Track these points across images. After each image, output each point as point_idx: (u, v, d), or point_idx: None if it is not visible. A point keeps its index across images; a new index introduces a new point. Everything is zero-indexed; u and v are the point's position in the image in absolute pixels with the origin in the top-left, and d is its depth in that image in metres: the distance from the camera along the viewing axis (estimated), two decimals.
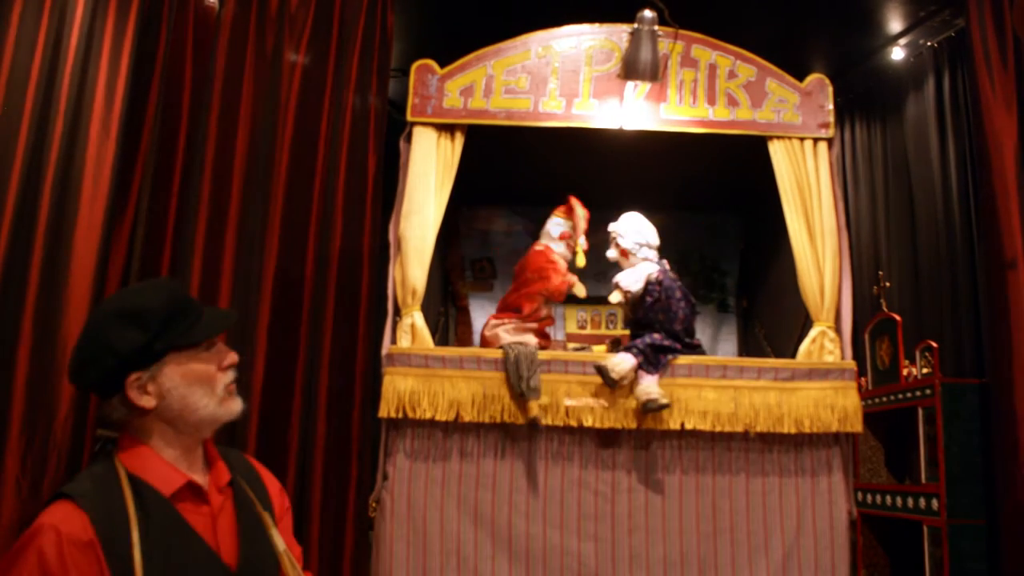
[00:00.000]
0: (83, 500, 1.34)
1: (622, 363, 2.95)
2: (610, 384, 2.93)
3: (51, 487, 2.75)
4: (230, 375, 1.51)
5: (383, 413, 2.91)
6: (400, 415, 2.90)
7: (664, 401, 2.90)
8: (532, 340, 3.24)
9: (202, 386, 1.46)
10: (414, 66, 3.27)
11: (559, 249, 3.59)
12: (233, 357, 1.52)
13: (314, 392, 3.51)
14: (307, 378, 3.51)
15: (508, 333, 3.26)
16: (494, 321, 3.42)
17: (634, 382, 2.96)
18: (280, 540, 1.52)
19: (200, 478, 1.48)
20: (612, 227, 3.48)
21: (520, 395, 2.91)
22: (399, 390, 2.90)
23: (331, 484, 3.52)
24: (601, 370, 2.92)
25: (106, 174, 3.04)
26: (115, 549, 1.31)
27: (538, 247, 3.61)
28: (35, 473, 2.77)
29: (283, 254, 3.53)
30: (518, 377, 2.92)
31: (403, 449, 2.93)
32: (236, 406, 1.51)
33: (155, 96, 3.40)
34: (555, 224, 3.63)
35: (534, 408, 2.92)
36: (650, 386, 2.92)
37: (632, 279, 3.35)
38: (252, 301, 3.46)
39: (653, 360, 3.02)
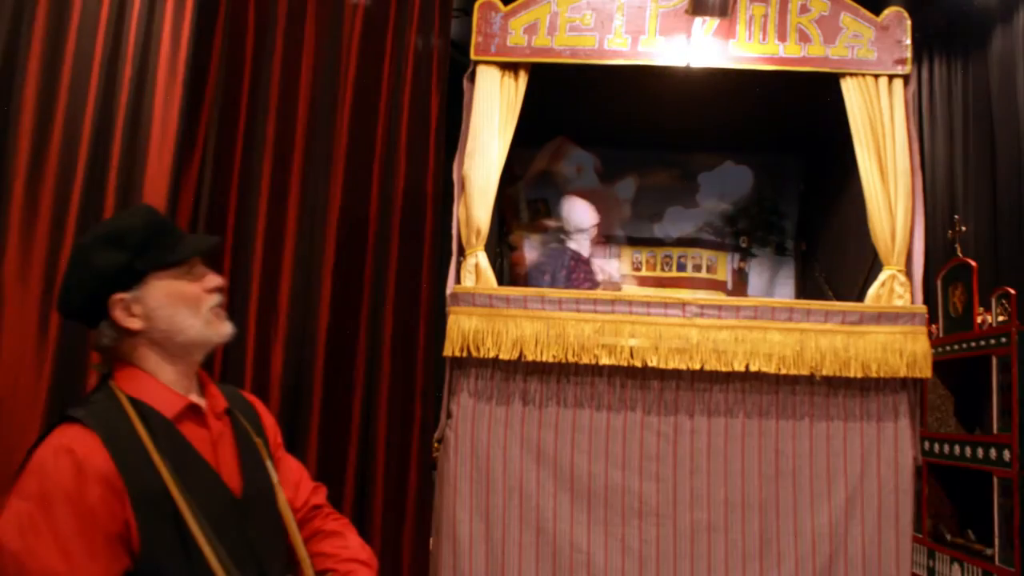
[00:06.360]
0: (90, 421, 1.31)
1: None
2: None
3: None
4: (216, 297, 1.49)
5: (447, 352, 2.94)
6: (464, 354, 2.92)
7: None
8: None
9: (187, 306, 1.44)
10: (477, 3, 3.21)
11: None
12: (217, 280, 1.50)
13: (379, 331, 3.57)
14: (372, 317, 3.57)
15: None
16: None
17: None
18: (274, 471, 1.52)
19: (198, 402, 1.46)
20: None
21: None
22: (463, 329, 2.92)
23: (395, 423, 3.60)
24: None
25: (174, 117, 3.07)
26: (132, 468, 1.29)
27: None
28: None
29: (347, 195, 3.57)
30: None
31: (467, 388, 2.96)
32: (225, 328, 1.50)
33: (219, 38, 3.41)
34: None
35: None
36: None
37: None
38: (317, 242, 3.50)
39: None
